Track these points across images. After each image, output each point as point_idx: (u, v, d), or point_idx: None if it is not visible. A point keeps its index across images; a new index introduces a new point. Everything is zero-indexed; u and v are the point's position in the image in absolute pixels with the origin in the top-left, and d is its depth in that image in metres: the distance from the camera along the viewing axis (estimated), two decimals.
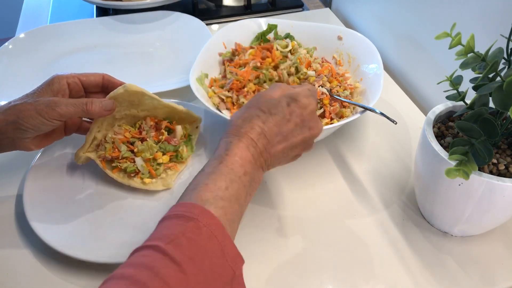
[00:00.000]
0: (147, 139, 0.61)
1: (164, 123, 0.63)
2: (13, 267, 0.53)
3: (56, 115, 0.51)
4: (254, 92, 0.68)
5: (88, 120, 0.62)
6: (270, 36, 0.80)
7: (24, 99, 0.52)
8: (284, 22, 0.80)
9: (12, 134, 0.51)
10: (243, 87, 0.69)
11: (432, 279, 0.52)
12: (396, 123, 0.56)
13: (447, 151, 0.48)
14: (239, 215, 0.43)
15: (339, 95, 0.67)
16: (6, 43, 0.88)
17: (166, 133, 0.63)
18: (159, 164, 0.61)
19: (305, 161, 0.67)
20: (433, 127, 0.53)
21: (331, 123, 0.64)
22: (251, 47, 0.77)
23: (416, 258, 0.54)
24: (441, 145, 0.50)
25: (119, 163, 0.59)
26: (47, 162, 0.63)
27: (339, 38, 0.77)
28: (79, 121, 0.61)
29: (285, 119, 0.46)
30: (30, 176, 0.60)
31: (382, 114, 0.57)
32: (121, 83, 0.58)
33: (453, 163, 0.46)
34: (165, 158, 0.61)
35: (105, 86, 0.59)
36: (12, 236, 0.57)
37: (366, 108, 0.60)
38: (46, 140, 0.57)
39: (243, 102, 0.67)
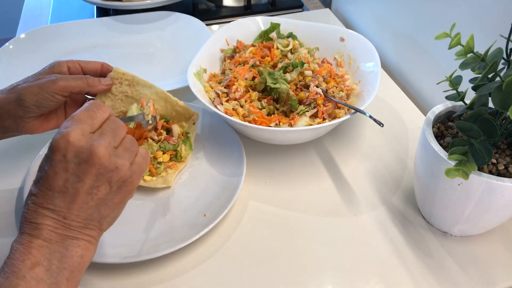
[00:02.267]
0: (148, 138, 0.61)
1: (161, 123, 0.63)
2: None
3: (58, 88, 0.52)
4: (245, 89, 0.68)
5: (89, 97, 0.63)
6: (273, 35, 0.80)
7: (26, 80, 0.53)
8: (289, 21, 0.81)
9: (14, 113, 0.52)
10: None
11: (431, 279, 0.52)
12: (382, 126, 0.57)
13: (447, 151, 0.48)
14: None
15: (334, 96, 0.67)
16: (7, 43, 0.88)
17: (164, 132, 0.63)
18: (159, 163, 0.61)
19: (305, 161, 0.67)
20: (433, 127, 0.53)
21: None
22: (253, 45, 0.77)
23: (415, 258, 0.54)
24: (441, 145, 0.50)
25: None
26: None
27: (342, 40, 0.78)
28: (81, 100, 0.62)
29: (51, 175, 0.38)
30: (30, 175, 0.60)
31: (370, 116, 0.59)
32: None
33: (452, 163, 0.46)
34: (165, 157, 0.61)
35: (103, 74, 0.60)
36: (12, 233, 0.56)
37: (355, 110, 0.61)
38: (48, 123, 0.57)
39: (234, 99, 0.67)
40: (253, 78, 0.71)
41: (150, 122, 0.53)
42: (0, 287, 0.35)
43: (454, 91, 0.50)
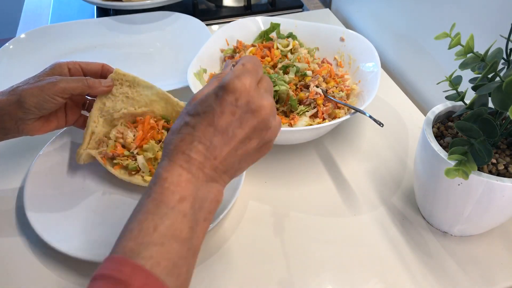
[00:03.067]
0: (150, 139, 0.61)
1: (161, 123, 0.63)
2: (12, 265, 0.53)
3: (58, 90, 0.52)
4: None
5: (90, 98, 0.63)
6: (273, 35, 0.80)
7: (26, 82, 0.53)
8: (289, 21, 0.81)
9: (15, 114, 0.52)
10: None
11: (431, 279, 0.52)
12: (382, 126, 0.57)
13: (447, 151, 0.48)
14: (183, 254, 0.35)
15: (334, 96, 0.67)
16: (7, 44, 0.88)
17: (166, 132, 0.63)
18: None
19: (305, 161, 0.67)
20: (433, 127, 0.53)
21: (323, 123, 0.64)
22: (253, 45, 0.77)
23: (415, 257, 0.54)
24: (441, 145, 0.50)
25: (121, 160, 0.60)
26: (49, 159, 0.63)
27: (342, 40, 0.78)
28: (81, 101, 0.61)
29: (217, 113, 0.38)
30: (30, 175, 0.60)
31: (370, 116, 0.59)
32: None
33: (452, 163, 0.46)
34: None
35: (103, 75, 0.60)
36: (11, 233, 0.57)
37: (355, 110, 0.61)
38: (48, 124, 0.57)
39: None
40: None
41: None
42: (150, 213, 0.35)
43: (454, 91, 0.50)
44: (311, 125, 0.64)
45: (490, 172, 0.47)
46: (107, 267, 0.33)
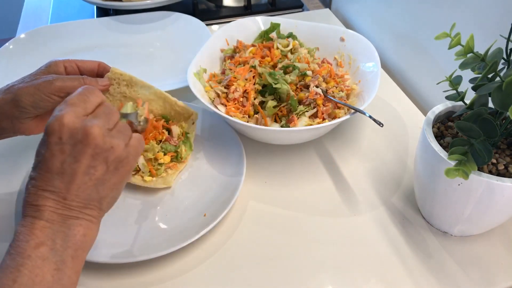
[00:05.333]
0: (151, 139, 0.61)
1: (161, 123, 0.63)
2: None
3: (55, 88, 0.51)
4: (243, 89, 0.68)
5: None
6: (274, 35, 0.80)
7: (22, 80, 0.53)
8: (289, 21, 0.81)
9: (11, 113, 0.51)
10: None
11: (431, 279, 0.52)
12: (382, 126, 0.57)
13: (447, 151, 0.48)
14: None
15: (334, 96, 0.67)
16: (7, 44, 0.88)
17: (166, 132, 0.63)
18: (160, 164, 0.61)
19: (305, 161, 0.67)
20: (433, 127, 0.53)
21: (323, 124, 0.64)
22: (253, 45, 0.77)
23: (415, 257, 0.54)
24: (441, 145, 0.50)
25: None
26: None
27: (342, 40, 0.78)
28: None
29: (48, 158, 0.39)
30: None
31: (370, 116, 0.59)
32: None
33: (452, 163, 0.46)
34: (166, 159, 0.61)
35: (99, 74, 0.59)
36: (12, 235, 0.57)
37: (355, 110, 0.61)
38: (44, 123, 0.56)
39: (234, 99, 0.67)
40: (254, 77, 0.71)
41: (142, 123, 0.54)
42: (7, 268, 0.35)
43: (454, 91, 0.50)
44: (311, 125, 0.63)
45: (490, 172, 0.47)
46: None
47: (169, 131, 0.64)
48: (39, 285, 0.35)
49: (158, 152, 0.61)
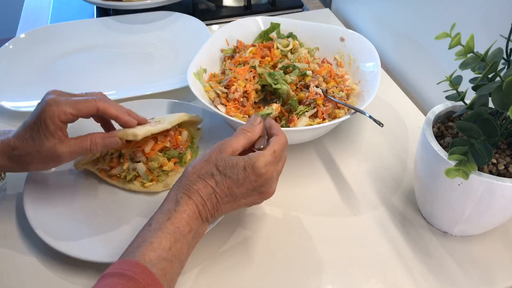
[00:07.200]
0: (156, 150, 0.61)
1: (173, 131, 0.62)
2: (13, 266, 0.53)
3: (61, 162, 0.53)
4: (243, 89, 0.68)
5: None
6: (274, 35, 0.80)
7: (22, 138, 0.50)
8: (289, 21, 0.81)
9: (17, 169, 0.53)
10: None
11: (431, 279, 0.52)
12: (382, 126, 0.58)
13: (447, 151, 0.48)
14: (179, 271, 0.45)
15: (334, 96, 0.67)
16: (7, 43, 0.88)
17: (179, 137, 0.62)
18: (163, 171, 0.61)
19: (305, 161, 0.67)
20: (433, 127, 0.53)
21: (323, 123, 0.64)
22: (253, 45, 0.77)
23: (415, 257, 0.54)
24: (441, 145, 0.50)
25: (118, 173, 0.60)
26: None
27: (342, 40, 0.78)
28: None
29: (238, 183, 0.46)
30: (31, 175, 0.60)
31: (370, 117, 0.59)
32: (115, 114, 0.54)
33: (452, 163, 0.46)
34: (171, 165, 0.61)
35: (100, 113, 0.53)
36: (12, 235, 0.57)
37: (355, 110, 0.61)
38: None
39: (234, 99, 0.67)
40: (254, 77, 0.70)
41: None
42: (170, 235, 0.43)
43: (454, 91, 0.50)
44: (311, 125, 0.63)
45: (490, 172, 0.47)
46: (122, 268, 0.40)
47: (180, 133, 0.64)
48: (178, 260, 0.43)
49: (162, 160, 0.60)
